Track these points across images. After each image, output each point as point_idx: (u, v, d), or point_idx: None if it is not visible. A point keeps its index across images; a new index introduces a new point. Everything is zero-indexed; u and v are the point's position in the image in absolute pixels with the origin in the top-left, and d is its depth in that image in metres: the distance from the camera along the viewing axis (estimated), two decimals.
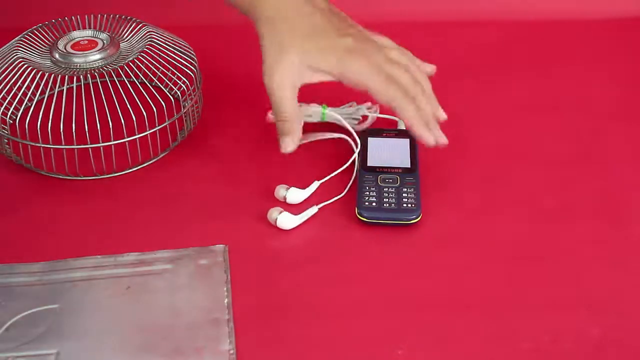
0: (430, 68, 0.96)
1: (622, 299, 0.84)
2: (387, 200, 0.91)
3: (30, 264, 0.87)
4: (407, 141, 0.98)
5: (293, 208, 0.92)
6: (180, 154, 1.00)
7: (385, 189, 0.92)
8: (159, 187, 0.96)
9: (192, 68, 1.01)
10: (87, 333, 0.81)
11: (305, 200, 0.93)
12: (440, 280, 0.86)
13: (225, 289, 0.84)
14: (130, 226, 0.92)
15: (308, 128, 0.97)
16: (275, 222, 0.90)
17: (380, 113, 1.01)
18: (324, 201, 0.93)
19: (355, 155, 0.96)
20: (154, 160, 0.99)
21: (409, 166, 0.95)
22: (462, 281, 0.85)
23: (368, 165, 0.95)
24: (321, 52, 0.90)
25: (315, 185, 0.94)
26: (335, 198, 0.93)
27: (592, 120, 1.04)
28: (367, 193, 0.92)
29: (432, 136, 0.92)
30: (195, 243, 0.89)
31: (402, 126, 1.00)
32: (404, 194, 0.91)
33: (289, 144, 0.92)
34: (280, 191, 0.93)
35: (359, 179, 0.94)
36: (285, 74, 0.90)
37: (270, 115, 0.98)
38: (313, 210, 0.92)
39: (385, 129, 0.96)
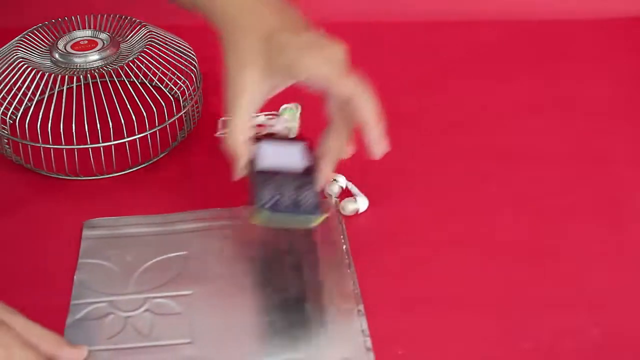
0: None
1: (622, 299, 0.84)
2: (286, 201, 0.84)
3: (151, 215, 0.91)
4: (300, 145, 0.90)
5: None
6: (180, 154, 1.00)
7: (283, 191, 0.85)
8: (158, 188, 0.96)
9: (192, 68, 1.01)
10: (217, 276, 0.85)
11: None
12: (440, 280, 0.85)
13: (342, 236, 0.88)
14: None
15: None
16: (358, 211, 0.91)
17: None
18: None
19: None
20: (154, 160, 0.99)
21: (303, 170, 0.87)
22: (462, 281, 0.85)
23: (260, 168, 0.87)
24: (279, 52, 0.85)
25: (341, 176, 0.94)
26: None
27: (592, 120, 1.04)
28: (265, 194, 0.84)
29: (386, 143, 0.85)
30: None
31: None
32: (303, 196, 0.85)
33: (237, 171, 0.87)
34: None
35: (255, 181, 0.86)
36: (245, 91, 0.86)
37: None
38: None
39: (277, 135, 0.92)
